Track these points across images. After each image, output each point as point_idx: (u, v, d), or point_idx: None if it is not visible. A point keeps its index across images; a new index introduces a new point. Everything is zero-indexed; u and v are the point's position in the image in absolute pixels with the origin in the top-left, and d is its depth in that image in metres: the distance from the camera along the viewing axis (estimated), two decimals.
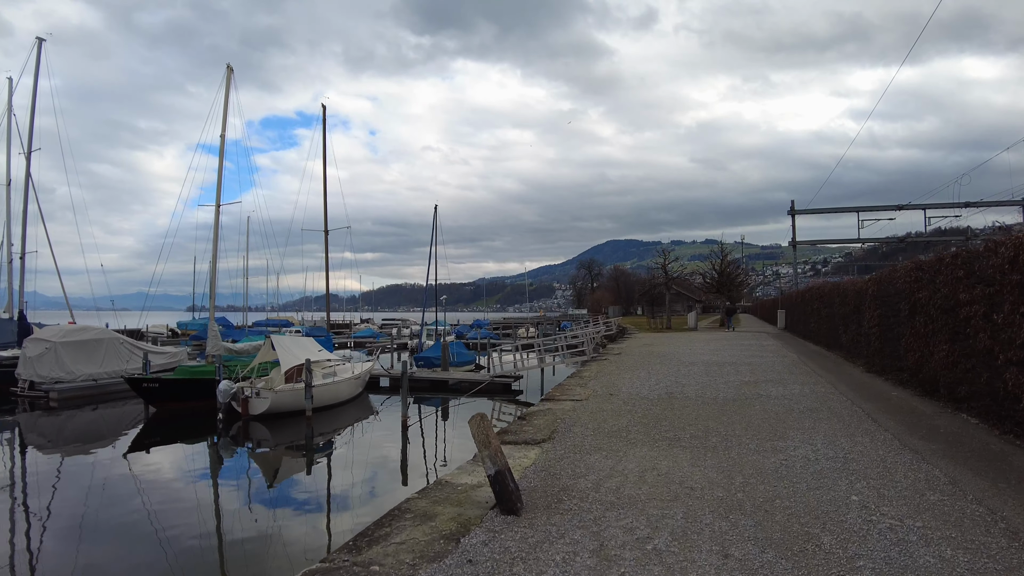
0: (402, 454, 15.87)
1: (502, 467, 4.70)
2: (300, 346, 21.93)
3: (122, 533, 9.49)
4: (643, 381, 12.25)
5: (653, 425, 7.77)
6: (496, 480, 4.69)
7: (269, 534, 9.61)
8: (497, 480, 4.68)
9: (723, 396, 10.05)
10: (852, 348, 15.68)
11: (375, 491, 12.07)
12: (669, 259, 40.46)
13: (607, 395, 10.50)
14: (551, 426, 7.88)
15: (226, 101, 25.19)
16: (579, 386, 11.81)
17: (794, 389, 10.70)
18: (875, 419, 7.89)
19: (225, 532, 9.52)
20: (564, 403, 9.79)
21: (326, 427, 19.04)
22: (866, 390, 10.59)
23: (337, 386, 21.54)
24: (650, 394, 10.46)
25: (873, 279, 13.08)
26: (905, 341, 10.43)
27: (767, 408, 8.84)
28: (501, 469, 4.69)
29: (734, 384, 11.49)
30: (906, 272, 10.36)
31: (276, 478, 13.84)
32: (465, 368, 29.51)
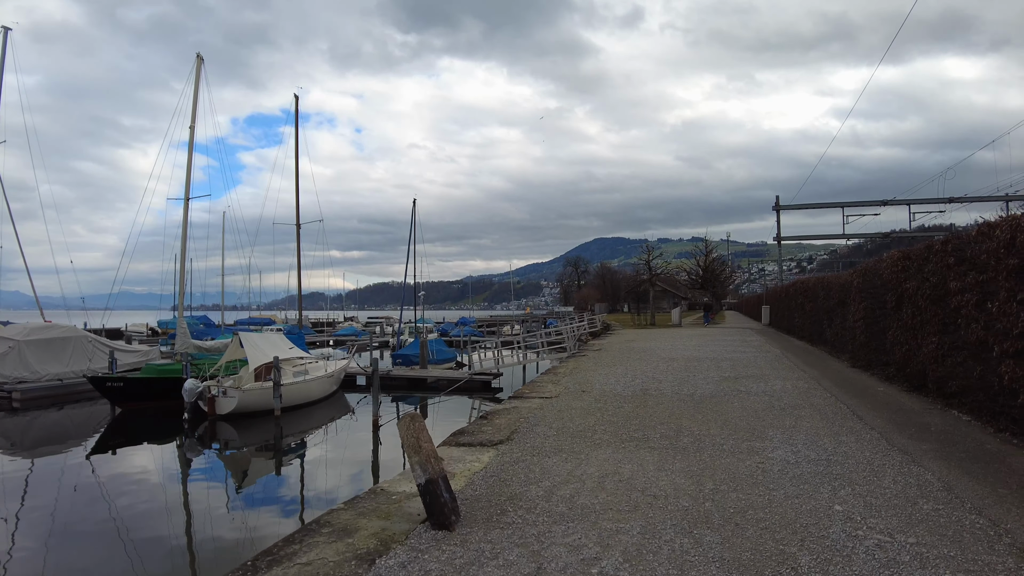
0: (373, 455, 15.24)
1: (434, 475, 4.05)
2: (270, 344, 21.15)
3: (71, 538, 8.93)
4: (619, 377, 11.66)
5: (622, 424, 7.16)
6: (426, 490, 4.04)
7: (201, 540, 9.01)
8: (427, 490, 4.03)
9: (700, 393, 9.47)
10: (837, 343, 15.20)
11: (333, 494, 11.39)
12: (653, 255, 39.98)
13: (579, 392, 9.88)
14: (512, 426, 7.24)
15: (196, 92, 24.30)
16: (551, 383, 11.19)
17: (776, 385, 10.16)
18: (860, 416, 7.33)
19: (157, 540, 8.82)
20: (532, 400, 9.16)
21: (296, 427, 18.36)
22: (851, 385, 10.07)
23: (308, 385, 20.81)
24: (624, 391, 9.86)
25: (858, 271, 12.58)
26: (891, 334, 9.91)
27: (746, 405, 8.27)
28: (433, 478, 4.04)
29: (713, 380, 10.93)
30: (892, 262, 9.84)
31: (244, 480, 13.31)
32: (445, 366, 28.84)
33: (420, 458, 4.07)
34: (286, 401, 18.86)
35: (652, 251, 40.06)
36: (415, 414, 4.24)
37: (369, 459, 14.62)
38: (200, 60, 24.60)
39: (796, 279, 28.09)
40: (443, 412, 21.11)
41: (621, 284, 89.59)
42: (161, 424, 18.48)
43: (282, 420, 18.03)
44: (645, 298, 45.29)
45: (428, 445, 4.13)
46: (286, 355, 21.26)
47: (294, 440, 17.12)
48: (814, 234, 48.98)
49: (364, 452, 15.46)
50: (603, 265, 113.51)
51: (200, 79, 24.52)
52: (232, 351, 20.86)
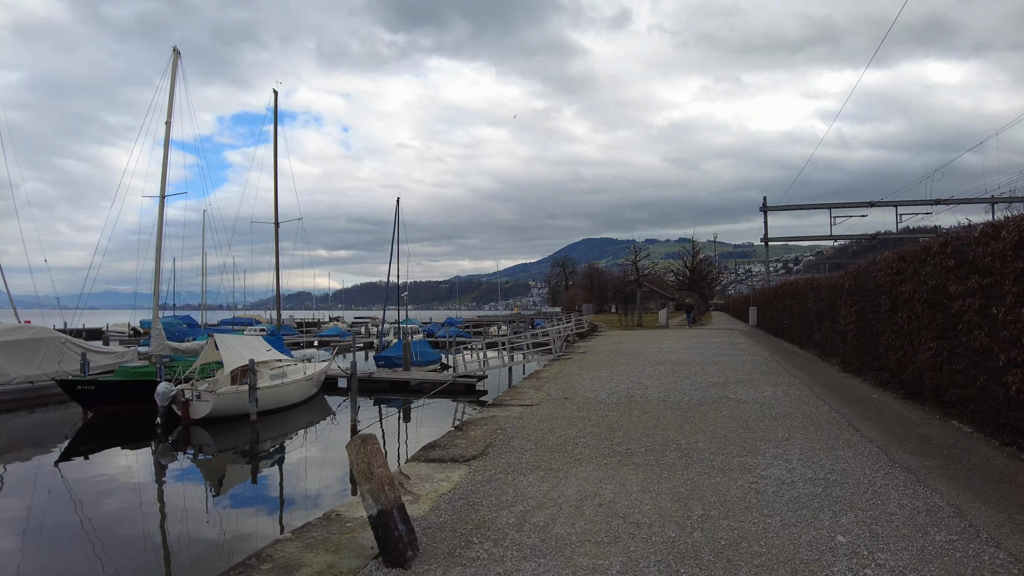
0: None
1: (387, 505, 3.56)
2: (246, 346, 20.52)
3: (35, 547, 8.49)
4: (603, 382, 11.22)
5: (606, 436, 6.70)
6: (378, 523, 3.54)
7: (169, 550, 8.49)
8: (380, 523, 3.54)
9: (688, 400, 9.04)
10: (827, 346, 14.88)
11: (305, 505, 10.85)
12: (640, 256, 39.65)
13: (561, 399, 9.42)
14: (488, 438, 6.76)
15: (172, 87, 23.58)
16: (533, 388, 10.72)
17: (766, 391, 9.76)
18: (857, 427, 6.93)
19: (120, 549, 8.24)
20: (512, 409, 8.68)
21: (273, 432, 17.80)
22: (843, 392, 9.69)
23: (286, 388, 20.22)
24: (608, 397, 9.41)
25: (850, 273, 12.24)
26: (886, 339, 9.54)
27: (736, 414, 7.85)
28: (386, 508, 3.55)
29: (701, 385, 10.51)
30: (887, 264, 9.47)
31: (216, 488, 12.94)
32: (429, 368, 28.29)
33: (372, 486, 3.57)
34: (263, 405, 18.29)
35: (639, 251, 39.72)
36: (367, 436, 3.75)
37: (345, 466, 14.09)
38: (176, 54, 23.88)
39: (784, 280, 27.87)
40: (426, 416, 20.60)
41: (609, 285, 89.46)
42: (134, 428, 17.87)
43: (259, 425, 17.45)
44: (632, 299, 45.01)
45: (382, 471, 3.64)
46: (263, 357, 20.66)
47: (271, 445, 16.59)
48: (801, 235, 49.00)
49: (341, 458, 14.91)
50: (591, 265, 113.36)
51: (177, 74, 23.80)
52: (207, 353, 20.21)
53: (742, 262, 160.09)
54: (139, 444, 16.83)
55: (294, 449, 16.35)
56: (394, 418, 20.98)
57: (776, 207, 44.48)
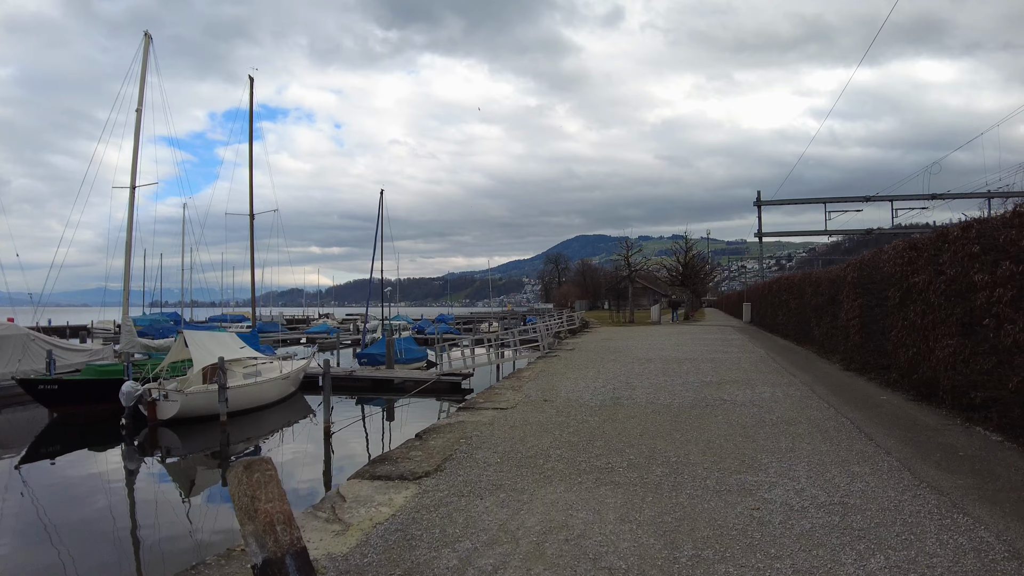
0: (325, 464, 13.86)
1: (278, 552, 2.67)
2: (218, 343, 19.55)
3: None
4: (589, 382, 10.36)
5: (584, 446, 5.83)
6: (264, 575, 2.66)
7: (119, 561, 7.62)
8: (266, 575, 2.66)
9: (679, 402, 8.19)
10: (826, 343, 14.08)
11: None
12: (632, 251, 38.84)
13: (540, 401, 8.56)
14: (448, 449, 5.88)
15: (143, 72, 22.52)
16: (512, 389, 9.85)
17: (764, 392, 8.92)
18: (870, 435, 6.09)
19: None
20: (484, 413, 7.81)
21: (244, 434, 16.90)
22: (849, 393, 8.86)
23: (260, 387, 19.27)
24: (592, 399, 8.55)
25: (852, 264, 11.41)
26: (895, 335, 8.72)
27: (732, 419, 7.00)
28: (276, 557, 2.66)
29: (693, 386, 9.67)
30: (897, 253, 8.64)
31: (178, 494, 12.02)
32: (414, 365, 27.38)
33: (256, 527, 2.69)
34: (235, 405, 17.38)
35: (631, 247, 38.90)
36: (254, 461, 2.86)
37: (318, 470, 13.22)
38: (148, 39, 22.79)
39: (780, 275, 27.11)
40: (409, 416, 19.71)
41: (602, 281, 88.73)
42: (100, 430, 16.95)
43: (230, 426, 16.53)
44: (625, 295, 44.22)
45: (271, 506, 2.75)
46: (236, 355, 19.73)
47: (243, 447, 15.75)
48: (795, 230, 48.36)
49: (313, 462, 14.06)
50: (583, 262, 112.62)
51: (148, 60, 22.73)
52: (176, 351, 19.23)
53: (735, 259, 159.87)
54: (104, 446, 15.90)
55: (266, 452, 15.48)
56: (376, 417, 20.10)
57: (770, 201, 43.78)
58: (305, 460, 14.46)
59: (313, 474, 12.93)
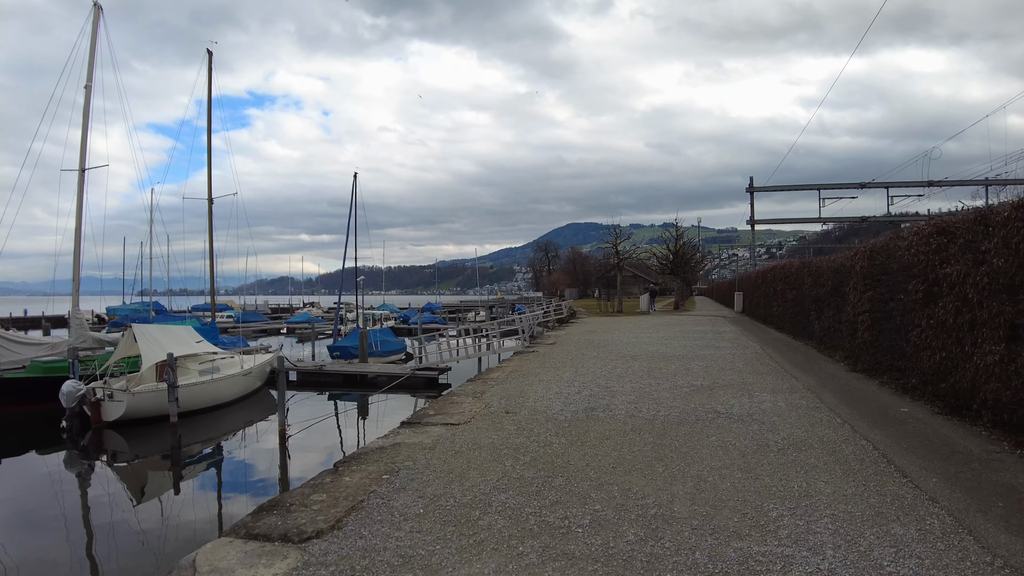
0: (281, 470, 12.62)
1: None
2: (170, 337, 18.12)
3: None
4: (563, 386, 9.04)
5: (539, 487, 4.50)
6: None
7: None
8: None
9: (664, 415, 6.89)
10: (827, 338, 12.85)
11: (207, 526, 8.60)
12: (621, 239, 37.53)
13: (501, 413, 7.23)
14: (363, 490, 4.53)
15: (92, 45, 20.79)
16: (472, 396, 8.52)
17: (764, 401, 7.64)
18: (902, 469, 4.81)
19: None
20: (430, 430, 6.47)
21: (198, 436, 15.59)
22: (862, 402, 7.59)
23: (217, 384, 17.87)
24: (563, 411, 7.23)
25: (861, 251, 10.12)
26: (917, 335, 7.44)
27: (728, 441, 5.70)
28: None
29: (682, 391, 8.38)
30: (921, 239, 7.34)
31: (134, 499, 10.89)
32: (391, 358, 26.05)
33: None
34: (188, 404, 16.06)
35: (620, 234, 37.59)
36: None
37: (267, 480, 11.93)
38: (98, 9, 21.02)
39: (776, 263, 25.90)
40: (383, 413, 18.44)
41: (592, 269, 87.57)
42: (40, 432, 15.60)
43: (183, 427, 15.18)
44: (615, 283, 43.02)
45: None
46: (190, 350, 18.35)
47: (198, 449, 14.67)
48: (787, 217, 47.22)
49: (265, 469, 12.81)
50: (573, 250, 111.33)
51: (98, 32, 21.00)
52: (124, 347, 17.71)
53: (726, 247, 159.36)
54: (44, 450, 14.56)
55: (219, 455, 14.22)
56: (344, 416, 18.76)
57: (763, 187, 42.56)
58: (255, 468, 13.19)
59: (260, 486, 11.61)
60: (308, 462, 13.28)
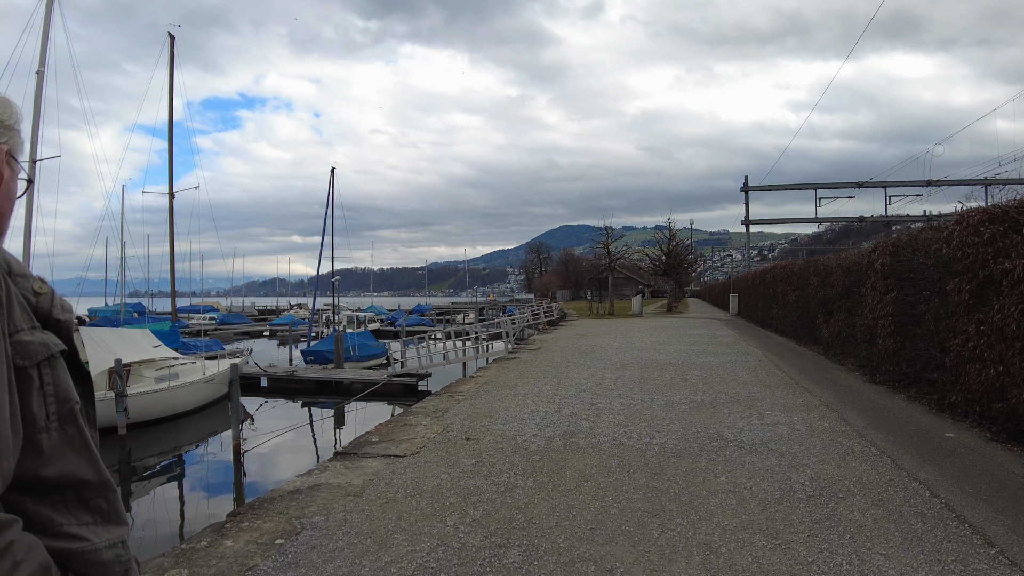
0: (235, 490, 11.33)
1: None
2: (123, 342, 16.77)
3: None
4: (541, 402, 7.75)
5: (481, 571, 3.21)
6: None
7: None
8: None
9: (659, 444, 5.60)
10: (837, 344, 11.62)
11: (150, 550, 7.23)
12: (612, 239, 36.31)
13: (461, 440, 5.92)
14: (235, 570, 3.23)
15: (46, 30, 19.37)
16: (432, 416, 7.20)
17: (778, 422, 6.37)
18: (980, 530, 3.55)
19: None
20: (367, 464, 5.16)
21: (151, 448, 14.26)
22: (895, 424, 6.34)
23: (175, 392, 16.49)
24: (536, 438, 5.93)
25: (883, 246, 8.87)
26: (961, 343, 6.19)
27: (741, 484, 4.42)
28: None
29: (680, 410, 7.11)
30: (968, 228, 6.09)
31: None
32: (370, 363, 24.66)
33: None
34: (141, 414, 14.78)
35: (611, 234, 36.36)
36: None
37: (222, 499, 10.60)
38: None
39: (775, 263, 24.72)
40: (356, 422, 17.12)
41: (584, 271, 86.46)
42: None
43: (132, 439, 13.82)
44: (607, 285, 41.83)
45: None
46: (145, 355, 17.01)
47: (154, 462, 13.42)
48: (783, 217, 46.19)
49: (218, 487, 11.54)
50: (565, 251, 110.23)
51: (51, 17, 19.55)
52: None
53: (718, 249, 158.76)
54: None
55: (170, 471, 12.95)
56: (318, 424, 17.38)
57: (758, 187, 41.51)
58: (207, 486, 11.90)
59: (208, 508, 10.25)
60: (266, 476, 12.02)
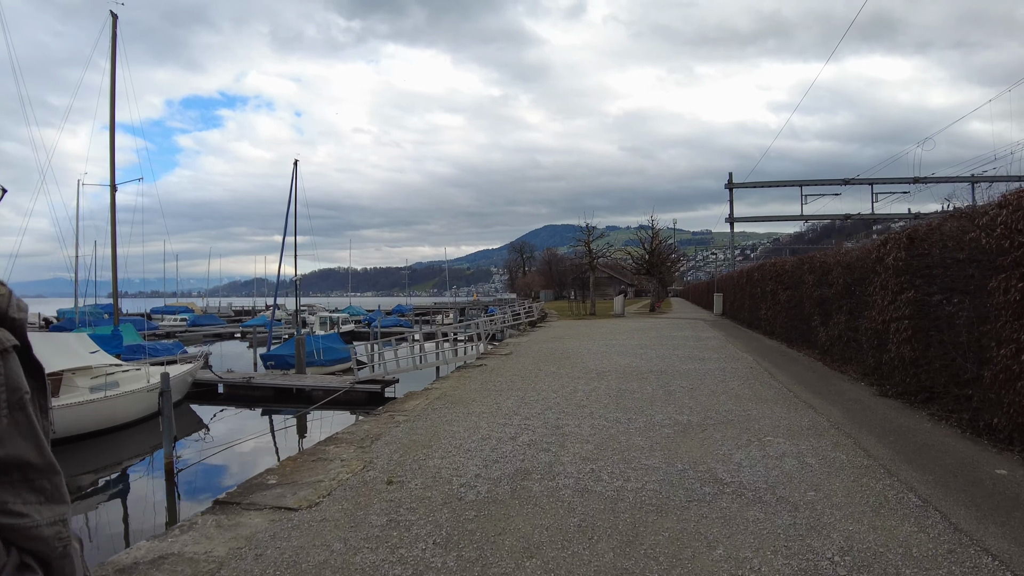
0: (169, 513, 9.99)
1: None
2: (53, 347, 15.19)
3: None
4: (496, 426, 6.42)
5: None
6: None
7: None
8: None
9: (635, 490, 4.29)
10: (836, 349, 10.44)
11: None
12: (594, 238, 35.11)
13: (381, 484, 4.57)
14: None
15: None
16: (360, 444, 5.84)
17: (785, 454, 5.11)
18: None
19: None
20: (246, 521, 3.80)
21: (80, 465, 12.77)
22: (930, 455, 5.10)
23: (111, 403, 14.96)
24: (476, 482, 4.59)
25: (895, 238, 7.65)
26: (1009, 355, 4.97)
27: (743, 560, 3.12)
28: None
29: (662, 436, 5.82)
30: (1017, 213, 4.87)
31: None
32: (336, 368, 23.18)
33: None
34: (71, 428, 13.43)
35: (592, 232, 35.17)
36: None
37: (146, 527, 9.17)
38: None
39: (763, 260, 23.65)
40: (323, 431, 15.73)
41: (567, 270, 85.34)
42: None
43: (57, 456, 12.14)
44: (589, 284, 40.65)
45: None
46: (82, 362, 15.45)
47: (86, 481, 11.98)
48: (766, 215, 45.38)
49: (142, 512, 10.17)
50: (548, 251, 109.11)
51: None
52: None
53: (701, 248, 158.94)
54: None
55: (95, 492, 11.53)
56: (270, 436, 15.91)
57: (743, 184, 40.59)
58: (132, 508, 10.52)
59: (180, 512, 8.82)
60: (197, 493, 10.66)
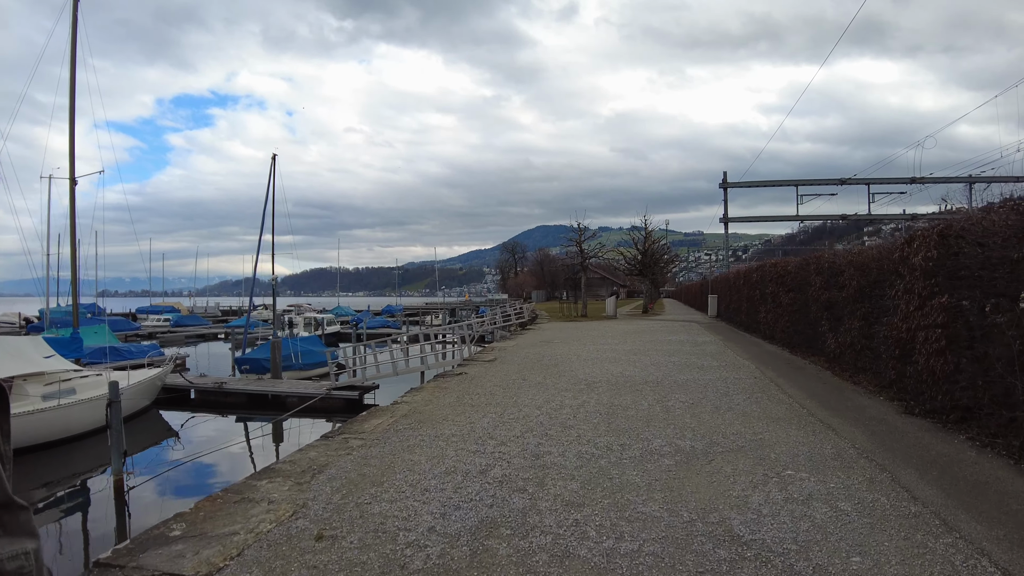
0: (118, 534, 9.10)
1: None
2: (5, 352, 14.20)
3: None
4: (466, 455, 5.45)
5: None
6: None
7: None
8: None
9: (630, 553, 3.32)
10: (848, 358, 9.54)
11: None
12: (585, 237, 34.18)
13: (308, 539, 3.59)
14: None
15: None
16: (298, 478, 4.85)
17: (812, 496, 4.17)
18: None
19: None
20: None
21: (31, 480, 11.74)
22: (990, 498, 4.17)
23: (66, 411, 13.92)
24: (428, 539, 3.62)
25: (925, 235, 6.72)
26: None
27: None
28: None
29: (662, 470, 4.87)
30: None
31: None
32: (315, 372, 22.12)
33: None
34: (21, 439, 12.19)
35: (583, 231, 34.25)
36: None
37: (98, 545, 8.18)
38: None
39: (762, 261, 22.83)
40: (299, 440, 14.76)
41: (560, 271, 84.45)
42: None
43: (13, 466, 11.09)
44: (580, 285, 39.73)
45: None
46: (33, 368, 14.37)
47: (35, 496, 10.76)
48: (760, 215, 44.63)
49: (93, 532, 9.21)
50: (540, 251, 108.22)
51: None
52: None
53: (693, 250, 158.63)
54: None
55: (47, 508, 10.52)
56: (242, 446, 14.89)
57: (737, 183, 39.84)
58: (80, 530, 9.53)
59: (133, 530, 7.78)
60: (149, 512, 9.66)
